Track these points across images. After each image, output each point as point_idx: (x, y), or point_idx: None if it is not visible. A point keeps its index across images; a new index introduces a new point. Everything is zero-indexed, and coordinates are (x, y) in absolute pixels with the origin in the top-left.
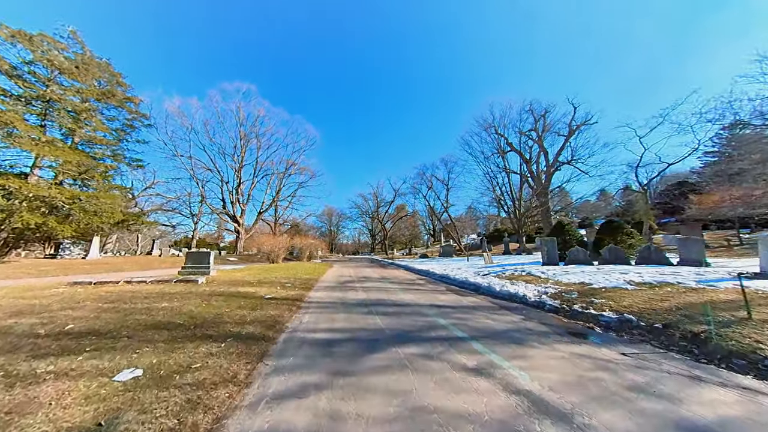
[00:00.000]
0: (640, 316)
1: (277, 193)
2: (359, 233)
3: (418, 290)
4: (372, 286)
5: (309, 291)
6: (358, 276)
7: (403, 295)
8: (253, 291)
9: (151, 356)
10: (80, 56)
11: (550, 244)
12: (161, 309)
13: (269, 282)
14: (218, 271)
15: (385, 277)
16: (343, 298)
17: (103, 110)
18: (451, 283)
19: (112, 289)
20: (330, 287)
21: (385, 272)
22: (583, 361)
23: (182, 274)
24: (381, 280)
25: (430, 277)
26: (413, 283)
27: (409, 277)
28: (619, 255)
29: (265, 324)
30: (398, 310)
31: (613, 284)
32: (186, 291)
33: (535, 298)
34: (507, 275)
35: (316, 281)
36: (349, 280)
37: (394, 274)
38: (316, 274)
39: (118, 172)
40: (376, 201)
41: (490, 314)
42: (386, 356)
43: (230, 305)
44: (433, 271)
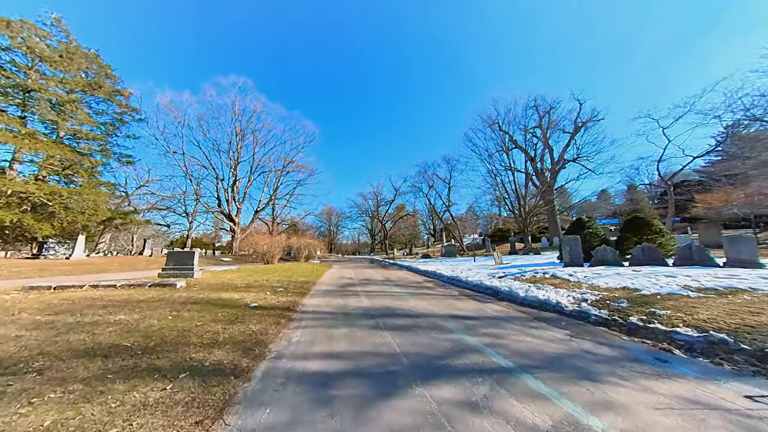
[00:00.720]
0: (735, 336)
1: (275, 191)
2: (359, 233)
3: (429, 295)
4: (376, 291)
5: (304, 297)
6: (359, 278)
7: (413, 302)
8: (238, 297)
9: (49, 410)
10: (65, 45)
11: (573, 242)
12: (112, 324)
13: (259, 286)
14: (206, 273)
15: (388, 279)
16: (343, 306)
17: (92, 103)
18: (464, 286)
19: (70, 296)
20: (328, 292)
21: (388, 273)
22: (703, 413)
23: (162, 277)
24: (385, 283)
25: (439, 279)
26: (421, 286)
27: (414, 279)
28: (654, 255)
29: (241, 346)
30: (412, 323)
31: (666, 290)
32: (157, 298)
33: (573, 307)
34: (527, 278)
35: (313, 284)
36: (349, 283)
37: (397, 275)
38: (314, 276)
39: (109, 168)
40: (376, 200)
41: (526, 328)
42: (410, 405)
43: (204, 317)
44: (441, 272)
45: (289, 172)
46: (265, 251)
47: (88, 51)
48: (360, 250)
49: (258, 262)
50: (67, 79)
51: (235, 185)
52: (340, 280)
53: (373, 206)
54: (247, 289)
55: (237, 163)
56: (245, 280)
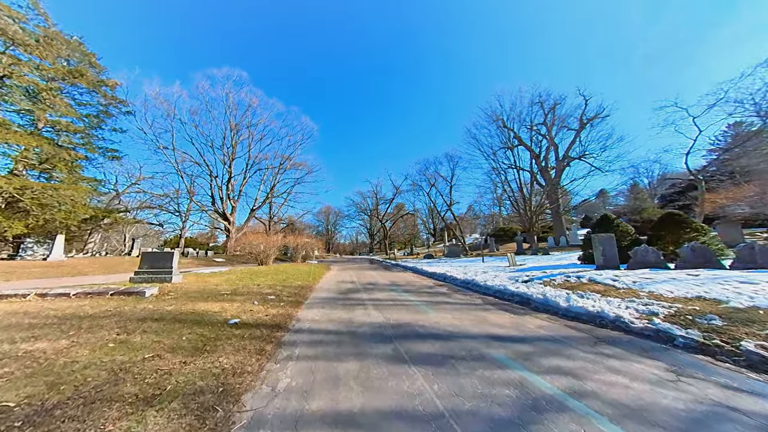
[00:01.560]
0: None
1: (272, 190)
2: (357, 233)
3: (449, 305)
4: (385, 299)
5: (299, 308)
6: (362, 282)
7: (434, 315)
8: (218, 310)
9: None
10: (43, 30)
11: (607, 241)
12: (17, 359)
13: (247, 293)
14: (189, 277)
15: (395, 282)
16: (348, 322)
17: (75, 94)
18: (485, 292)
19: (2, 308)
20: (328, 301)
21: (393, 276)
22: None
23: (133, 282)
24: (392, 288)
25: (452, 283)
26: (435, 292)
27: (424, 282)
28: (706, 256)
29: (196, 402)
30: (444, 350)
31: (765, 303)
32: (111, 312)
33: (641, 323)
34: (559, 282)
35: (310, 290)
36: (352, 288)
37: (404, 278)
38: (311, 280)
39: (96, 164)
40: (375, 199)
41: (599, 357)
42: None
43: (161, 343)
44: (452, 275)
45: (287, 170)
46: (259, 251)
47: (70, 38)
48: (358, 250)
49: (252, 264)
50: (45, 66)
51: (229, 182)
52: (341, 284)
53: (372, 205)
54: (232, 297)
55: (232, 159)
56: (233, 285)
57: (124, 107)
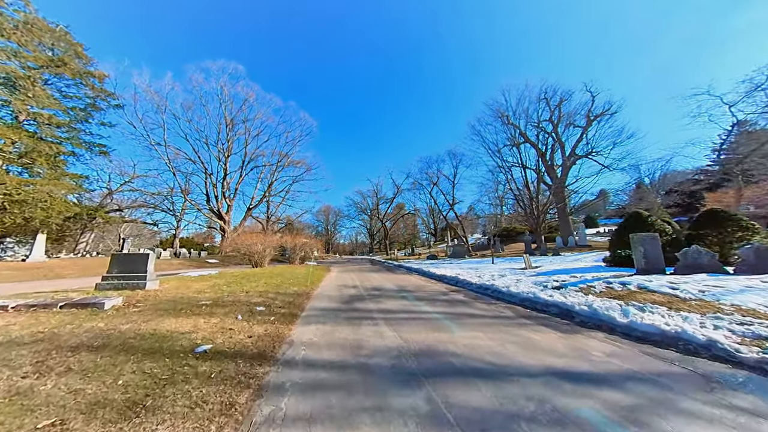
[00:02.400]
0: None
1: (269, 188)
2: (357, 233)
3: (475, 317)
4: (397, 311)
5: (292, 324)
6: (366, 286)
7: (463, 335)
8: (187, 330)
9: None
10: (23, 15)
11: (650, 241)
12: None
13: (232, 303)
14: (170, 282)
15: (403, 287)
16: (356, 346)
17: (61, 86)
18: (510, 300)
19: None
20: (329, 313)
21: (399, 279)
22: None
23: (100, 289)
24: (402, 295)
25: (467, 288)
26: (451, 300)
27: (435, 287)
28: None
29: None
30: (501, 401)
31: None
32: (46, 334)
33: (752, 353)
34: (601, 290)
35: (308, 298)
36: (356, 296)
37: (411, 282)
38: (309, 284)
39: (83, 160)
40: (376, 198)
41: (741, 417)
42: None
43: (82, 393)
44: (464, 278)
45: (285, 167)
46: (253, 252)
47: (54, 26)
48: (358, 251)
49: (247, 265)
50: (24, 53)
51: (225, 180)
52: (343, 289)
53: (372, 204)
54: (212, 309)
55: (228, 156)
56: (218, 293)
57: (113, 100)
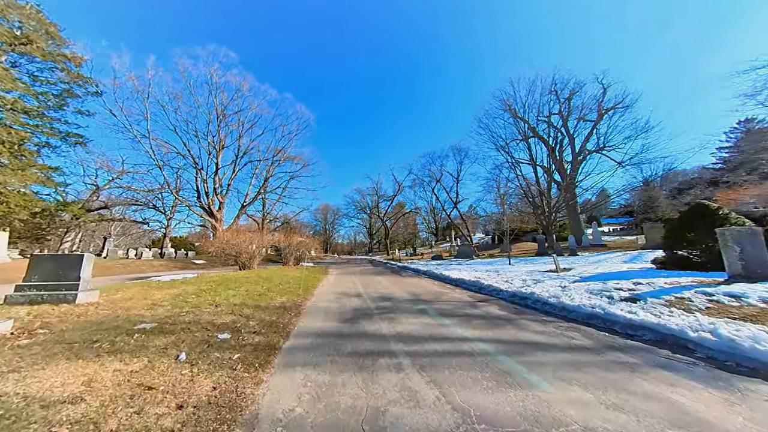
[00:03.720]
0: None
1: (264, 184)
2: (356, 233)
3: (542, 349)
4: (422, 336)
5: (266, 368)
6: (371, 294)
7: (560, 400)
8: (60, 399)
9: None
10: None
11: (750, 239)
12: None
13: (185, 326)
14: (131, 289)
15: (417, 295)
16: (377, 428)
17: (33, 70)
18: (569, 317)
19: None
20: (325, 341)
21: (408, 284)
22: None
23: (9, 302)
24: (420, 308)
25: (495, 296)
26: (489, 316)
27: (456, 295)
28: None
29: None
30: None
31: None
32: None
33: None
34: (707, 306)
35: (297, 314)
36: (361, 309)
37: (424, 287)
38: (302, 292)
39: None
40: (376, 196)
41: None
42: None
43: None
44: (491, 284)
45: (281, 163)
46: (240, 252)
47: (24, 3)
48: (357, 250)
49: (235, 267)
50: None
51: (216, 175)
52: (344, 300)
53: (372, 203)
54: (149, 339)
55: (219, 150)
56: (177, 307)
57: (90, 87)
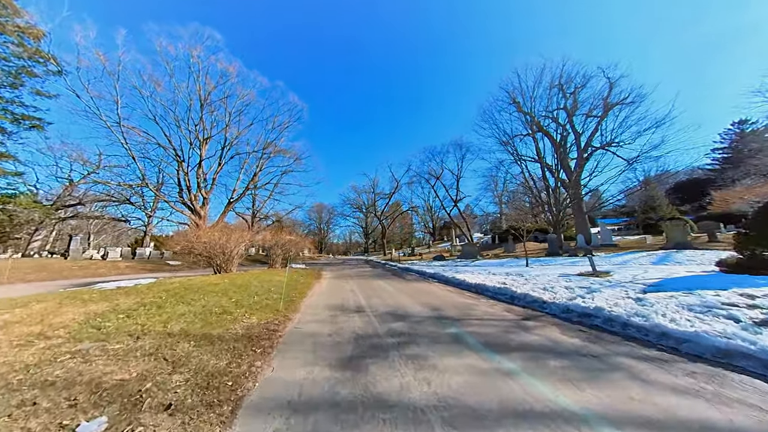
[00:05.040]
0: None
1: (253, 178)
2: (351, 232)
3: None
4: (479, 407)
5: None
6: (376, 308)
7: None
8: None
9: None
10: None
11: None
12: None
13: (50, 385)
14: (34, 304)
15: (437, 309)
16: None
17: None
18: (686, 350)
19: None
20: (306, 424)
21: (418, 291)
22: None
23: None
24: (451, 332)
25: (540, 310)
26: (555, 345)
27: (487, 309)
28: None
29: None
30: None
31: None
32: None
33: None
34: None
35: (267, 350)
36: (366, 336)
37: (438, 296)
38: (282, 308)
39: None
40: (373, 194)
41: None
42: None
43: None
44: (527, 293)
45: (272, 157)
46: (213, 253)
47: None
48: (352, 250)
49: (208, 270)
50: None
51: (200, 168)
52: (340, 318)
53: (368, 201)
54: None
55: (204, 141)
56: (66, 343)
57: (52, 66)
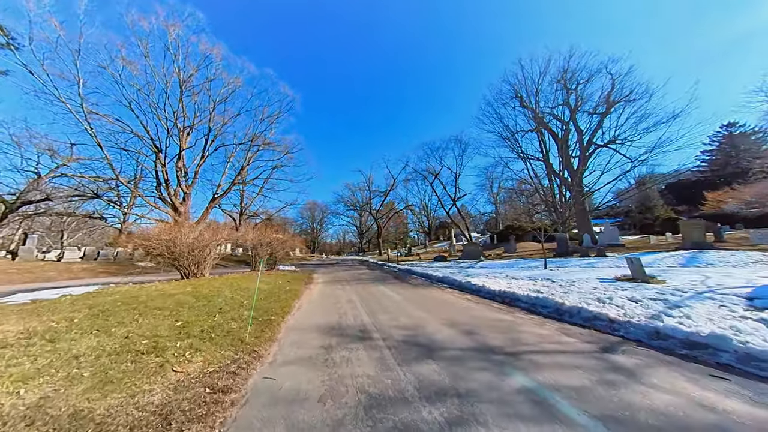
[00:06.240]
0: None
1: (240, 173)
2: (344, 232)
3: None
4: None
5: None
6: (387, 331)
7: None
8: None
9: None
10: None
11: None
12: None
13: None
14: None
15: (471, 333)
16: None
17: None
18: None
19: None
20: None
21: (432, 301)
22: None
23: None
24: (517, 383)
25: (611, 332)
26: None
27: (540, 331)
28: None
29: None
30: None
31: None
32: None
33: None
34: None
35: None
36: (384, 395)
37: (463, 309)
38: (251, 335)
39: None
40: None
41: None
42: None
43: None
44: (583, 306)
45: (260, 150)
46: (178, 253)
47: None
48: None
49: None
50: None
51: (180, 160)
52: (337, 355)
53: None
54: None
55: (184, 131)
56: None
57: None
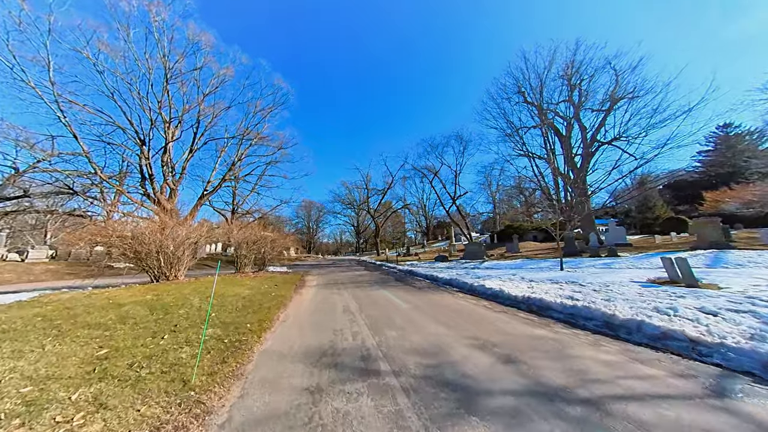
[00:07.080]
0: None
1: (232, 167)
2: (341, 231)
3: None
4: None
5: None
6: (398, 360)
7: None
8: None
9: None
10: None
11: None
12: None
13: None
14: None
15: (517, 362)
16: None
17: None
18: None
19: None
20: None
21: (446, 309)
22: None
23: None
24: None
25: (688, 355)
26: None
27: (597, 356)
28: None
29: None
30: None
31: None
32: None
33: None
34: None
35: None
36: None
37: (487, 321)
38: (201, 371)
39: None
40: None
41: None
42: None
43: None
44: (643, 320)
45: (253, 144)
46: (146, 252)
47: None
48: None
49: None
50: None
51: (166, 154)
52: (327, 409)
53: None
54: None
55: (169, 122)
56: None
57: None
